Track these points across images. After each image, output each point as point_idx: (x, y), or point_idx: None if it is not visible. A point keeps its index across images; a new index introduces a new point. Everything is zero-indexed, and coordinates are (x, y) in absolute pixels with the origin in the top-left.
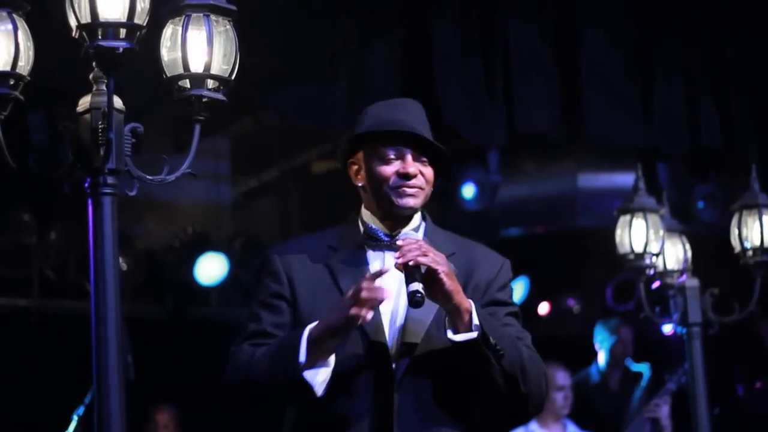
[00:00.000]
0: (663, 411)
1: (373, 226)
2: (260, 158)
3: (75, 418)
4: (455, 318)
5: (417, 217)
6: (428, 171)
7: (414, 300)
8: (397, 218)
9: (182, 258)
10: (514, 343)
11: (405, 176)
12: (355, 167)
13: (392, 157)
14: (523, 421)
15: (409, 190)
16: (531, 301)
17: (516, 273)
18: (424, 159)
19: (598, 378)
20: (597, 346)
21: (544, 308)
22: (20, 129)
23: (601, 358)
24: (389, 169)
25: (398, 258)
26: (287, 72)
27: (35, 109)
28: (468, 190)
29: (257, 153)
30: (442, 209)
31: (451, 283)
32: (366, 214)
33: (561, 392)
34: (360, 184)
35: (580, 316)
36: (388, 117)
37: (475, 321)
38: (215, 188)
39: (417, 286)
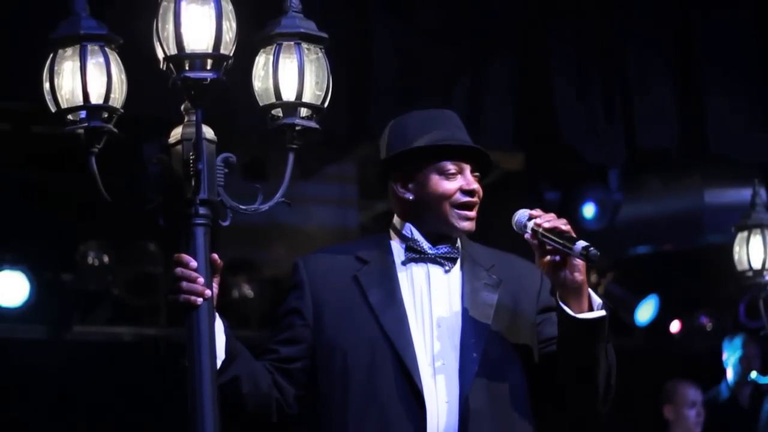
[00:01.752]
0: None
1: (417, 239)
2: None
3: None
4: (574, 297)
5: None
6: (480, 188)
7: (591, 254)
8: (444, 236)
9: None
10: None
11: (469, 193)
12: (402, 179)
13: (452, 171)
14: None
15: (470, 214)
16: (662, 319)
17: (646, 291)
18: (477, 174)
19: (728, 394)
20: (725, 363)
21: (675, 326)
22: (138, 161)
23: (730, 374)
24: (453, 185)
25: (544, 222)
26: (401, 96)
27: (151, 140)
28: (588, 210)
29: None
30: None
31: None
32: (404, 226)
33: (693, 409)
34: (410, 197)
35: (713, 334)
36: (442, 129)
37: (597, 300)
38: (342, 213)
39: (585, 242)
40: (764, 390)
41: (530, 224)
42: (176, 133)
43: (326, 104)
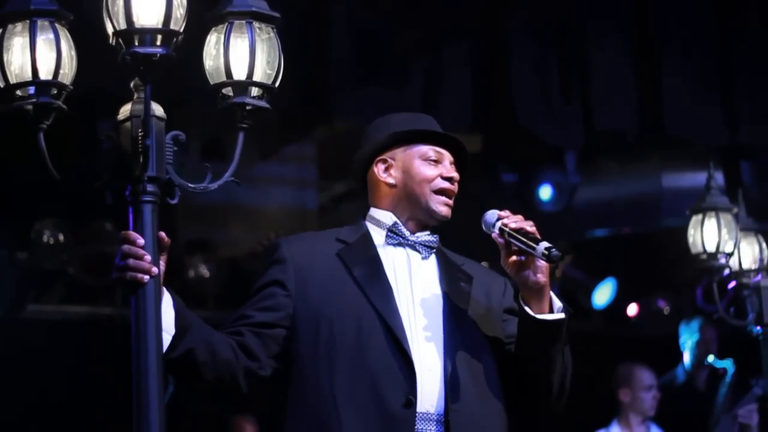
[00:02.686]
0: (754, 419)
1: (398, 224)
2: (345, 163)
3: None
4: (536, 298)
5: None
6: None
7: (553, 255)
8: (422, 223)
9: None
10: None
11: (449, 179)
12: (385, 165)
13: (434, 158)
14: (552, 418)
15: (449, 200)
16: (619, 303)
17: (604, 274)
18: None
19: (684, 378)
20: (681, 346)
21: (632, 309)
22: (91, 139)
23: (686, 358)
24: (434, 171)
25: (511, 222)
26: (359, 77)
27: (103, 117)
28: (545, 192)
29: (342, 158)
30: (518, 211)
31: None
32: (384, 214)
33: (649, 392)
34: (390, 182)
35: (670, 317)
36: (423, 124)
37: (558, 303)
38: (301, 194)
39: (548, 243)
40: (720, 374)
41: (498, 224)
42: (125, 110)
43: (277, 84)
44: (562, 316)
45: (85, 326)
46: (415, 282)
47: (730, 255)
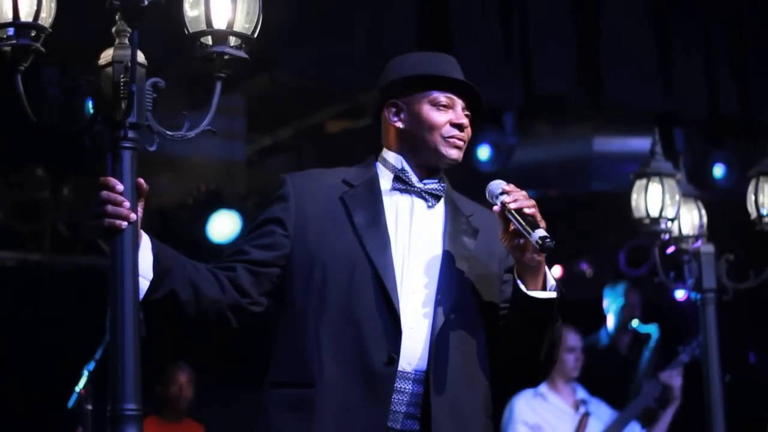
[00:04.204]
0: (676, 381)
1: (407, 170)
2: (275, 117)
3: (86, 373)
4: (531, 275)
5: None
6: (469, 127)
7: (545, 245)
8: (432, 168)
9: (195, 215)
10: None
11: (458, 126)
12: (396, 108)
13: (444, 104)
14: (535, 385)
15: (458, 142)
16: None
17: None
18: (468, 113)
19: (608, 341)
20: (605, 309)
21: (556, 271)
22: (35, 83)
23: (610, 321)
24: (443, 117)
25: (510, 202)
26: (303, 31)
27: (49, 63)
28: (483, 152)
29: (272, 111)
30: (456, 170)
31: None
32: (394, 157)
33: (572, 354)
34: (400, 126)
35: (593, 281)
36: (439, 66)
37: (552, 282)
38: (229, 146)
39: (544, 231)
40: (643, 338)
41: (500, 199)
42: (107, 55)
43: (256, 35)
44: (554, 294)
45: (14, 272)
46: (415, 234)
47: (672, 220)
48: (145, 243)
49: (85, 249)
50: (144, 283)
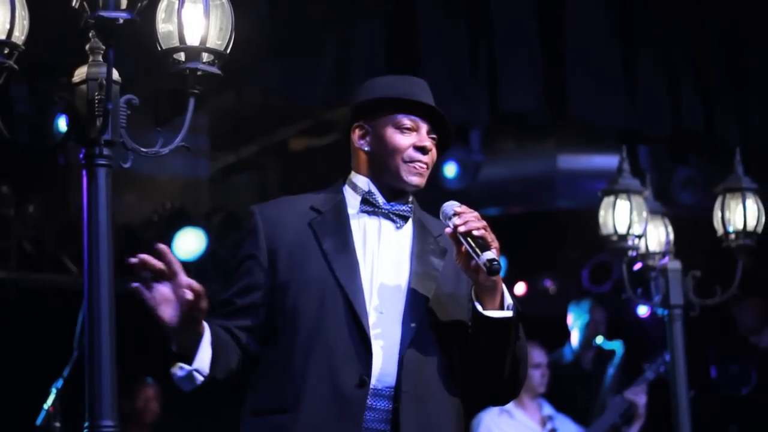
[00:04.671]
0: (641, 399)
1: (374, 192)
2: (239, 134)
3: (54, 390)
4: (488, 294)
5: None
6: (434, 150)
7: (493, 268)
8: (396, 191)
9: (160, 233)
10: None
11: (421, 149)
12: (362, 131)
13: (408, 126)
14: (504, 403)
15: (419, 168)
16: (507, 281)
17: None
18: (434, 137)
19: (572, 358)
20: (570, 326)
21: (520, 288)
22: (3, 100)
23: (575, 338)
24: (406, 140)
25: (461, 225)
26: (270, 49)
27: (17, 80)
28: (450, 169)
29: (236, 129)
30: (424, 188)
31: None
32: (361, 180)
33: (538, 370)
34: (366, 149)
35: (556, 297)
36: (407, 89)
37: (509, 301)
38: (193, 163)
39: (493, 254)
40: (607, 355)
41: (451, 222)
42: (81, 73)
43: (228, 51)
44: (510, 314)
45: None
46: (383, 256)
47: (640, 237)
48: (207, 338)
49: (50, 266)
50: (199, 378)
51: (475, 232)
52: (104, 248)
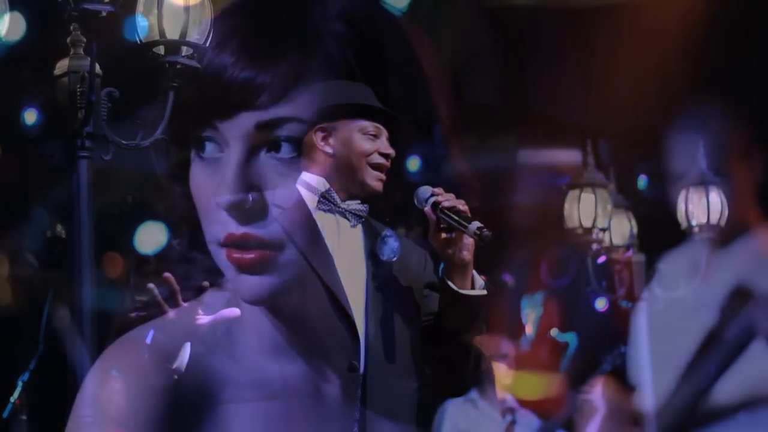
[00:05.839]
0: (595, 392)
1: (331, 191)
2: None
3: (20, 383)
4: (459, 276)
5: None
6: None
7: (484, 234)
8: (352, 194)
9: (122, 227)
10: None
11: (385, 156)
12: (324, 133)
13: (372, 133)
14: (463, 392)
15: (382, 175)
16: None
17: None
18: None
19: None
20: (523, 319)
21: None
22: None
23: (529, 330)
24: (372, 146)
25: (445, 201)
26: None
27: None
28: (413, 164)
29: None
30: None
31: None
32: (315, 179)
33: (505, 361)
34: (328, 151)
35: (514, 291)
36: (364, 95)
37: (480, 281)
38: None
39: (479, 223)
40: (561, 346)
41: (431, 200)
42: (62, 65)
43: (207, 44)
44: (484, 292)
45: None
46: (341, 251)
47: (604, 230)
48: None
49: (17, 260)
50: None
51: (459, 207)
52: (86, 240)
